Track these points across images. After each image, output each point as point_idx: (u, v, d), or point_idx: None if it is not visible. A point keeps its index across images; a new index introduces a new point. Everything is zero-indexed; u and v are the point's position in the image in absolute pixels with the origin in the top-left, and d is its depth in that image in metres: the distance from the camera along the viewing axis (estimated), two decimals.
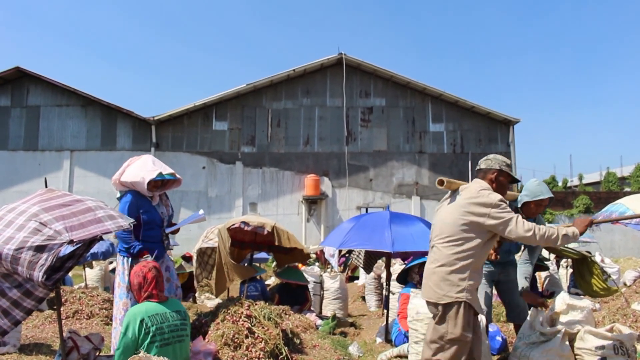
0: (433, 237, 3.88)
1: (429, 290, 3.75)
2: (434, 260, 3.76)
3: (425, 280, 3.83)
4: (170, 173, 5.12)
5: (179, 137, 21.64)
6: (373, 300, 10.01)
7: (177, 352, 3.75)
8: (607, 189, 33.04)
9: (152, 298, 3.84)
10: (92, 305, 6.94)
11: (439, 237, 3.77)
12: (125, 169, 5.09)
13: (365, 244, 6.58)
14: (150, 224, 5.05)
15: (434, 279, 3.71)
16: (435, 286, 3.69)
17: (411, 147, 21.96)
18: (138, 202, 4.99)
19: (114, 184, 5.15)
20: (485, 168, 4.00)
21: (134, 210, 4.92)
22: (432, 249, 3.85)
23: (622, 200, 5.78)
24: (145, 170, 5.02)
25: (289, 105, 22.07)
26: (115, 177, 5.10)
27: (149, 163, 5.14)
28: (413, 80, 21.80)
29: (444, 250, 3.70)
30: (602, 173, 38.02)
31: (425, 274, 3.87)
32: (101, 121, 21.58)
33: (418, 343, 4.83)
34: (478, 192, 3.75)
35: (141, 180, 4.95)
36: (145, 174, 4.97)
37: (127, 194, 5.04)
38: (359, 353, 6.04)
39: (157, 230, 5.15)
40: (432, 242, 3.87)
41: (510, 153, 21.87)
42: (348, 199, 21.49)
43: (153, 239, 5.10)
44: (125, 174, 5.05)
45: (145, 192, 5.01)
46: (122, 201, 5.02)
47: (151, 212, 5.08)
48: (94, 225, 3.56)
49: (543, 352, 4.11)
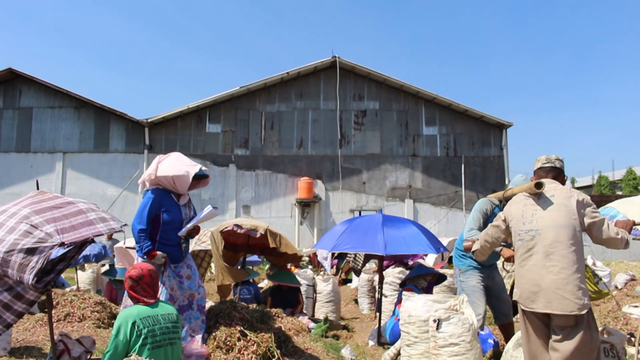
0: (548, 242, 3.63)
1: (566, 302, 3.48)
2: (562, 268, 3.54)
3: (556, 292, 3.52)
4: (205, 169, 4.95)
5: (173, 140, 21.59)
6: (366, 303, 10.00)
7: (168, 354, 3.74)
8: (599, 192, 33.23)
9: (147, 300, 3.82)
10: (84, 308, 6.91)
11: (561, 243, 3.60)
12: (157, 165, 4.84)
13: (358, 247, 6.58)
14: (170, 225, 4.82)
15: (570, 289, 3.49)
16: (572, 296, 3.47)
17: (404, 151, 21.99)
18: (162, 200, 4.78)
19: (146, 181, 4.87)
20: (560, 168, 4.04)
21: (155, 208, 4.73)
22: (550, 256, 3.60)
23: (613, 204, 5.80)
24: (187, 165, 4.83)
25: (283, 108, 22.06)
26: (149, 173, 4.82)
27: (185, 158, 4.96)
28: (406, 84, 21.85)
29: (570, 256, 3.56)
30: (594, 177, 38.27)
31: (551, 285, 3.55)
32: (94, 123, 21.50)
33: (410, 346, 4.83)
34: (579, 193, 3.78)
35: (185, 174, 4.75)
36: (188, 168, 4.78)
37: (151, 190, 4.81)
38: (352, 356, 6.03)
39: (176, 232, 4.90)
40: (549, 248, 3.62)
41: (503, 157, 21.96)
42: (341, 202, 21.50)
43: (171, 241, 4.86)
44: (162, 169, 4.80)
45: (184, 188, 4.81)
46: (144, 197, 4.81)
47: (173, 212, 4.84)
48: (85, 228, 3.56)
49: None
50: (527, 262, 3.72)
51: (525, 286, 3.69)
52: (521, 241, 3.81)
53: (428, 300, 4.86)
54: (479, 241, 4.33)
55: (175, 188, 4.84)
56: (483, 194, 21.68)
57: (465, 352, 4.39)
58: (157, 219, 4.76)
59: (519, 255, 3.82)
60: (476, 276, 5.44)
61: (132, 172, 20.85)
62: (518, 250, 3.84)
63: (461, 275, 5.54)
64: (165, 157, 4.93)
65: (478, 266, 5.43)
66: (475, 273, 5.45)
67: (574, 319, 3.50)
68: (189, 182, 4.77)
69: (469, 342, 4.42)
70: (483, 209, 5.23)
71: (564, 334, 3.53)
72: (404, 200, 21.71)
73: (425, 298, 4.92)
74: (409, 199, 21.71)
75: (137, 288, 3.85)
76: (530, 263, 3.70)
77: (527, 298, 3.66)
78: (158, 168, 4.79)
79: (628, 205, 5.58)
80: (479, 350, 4.59)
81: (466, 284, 5.47)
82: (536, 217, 3.77)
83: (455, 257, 5.73)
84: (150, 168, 4.87)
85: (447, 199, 21.79)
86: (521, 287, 3.74)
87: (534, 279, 3.63)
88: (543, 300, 3.56)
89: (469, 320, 4.55)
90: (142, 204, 4.73)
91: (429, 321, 4.61)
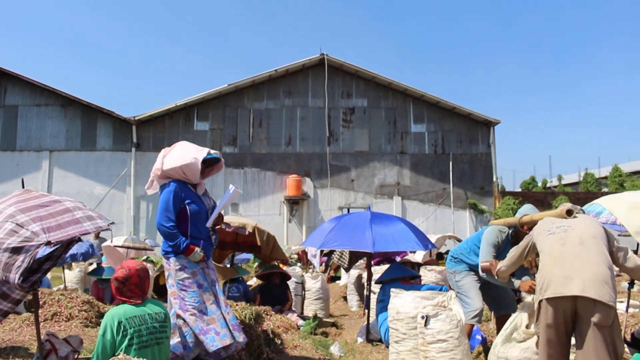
0: (582, 235, 3.64)
1: (604, 291, 3.34)
2: (599, 262, 3.48)
3: (593, 278, 3.38)
4: (216, 152, 4.66)
5: (160, 138, 21.48)
6: (354, 300, 10.03)
7: (155, 354, 3.72)
8: (585, 189, 33.47)
9: (134, 299, 3.80)
10: (72, 307, 6.85)
11: (595, 240, 3.62)
12: (163, 159, 4.57)
13: (346, 244, 6.59)
14: (197, 217, 4.51)
15: (606, 280, 3.39)
16: (609, 288, 3.36)
17: (393, 148, 22.05)
18: (182, 192, 4.47)
19: (154, 178, 4.59)
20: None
21: (178, 200, 4.42)
22: (586, 245, 3.57)
23: (599, 201, 5.87)
24: (193, 151, 4.54)
25: (271, 105, 22.04)
26: (155, 168, 4.56)
27: (190, 145, 4.68)
28: (395, 81, 21.89)
29: (605, 254, 3.56)
30: (581, 174, 38.55)
31: (589, 272, 3.42)
32: (81, 121, 21.35)
33: (398, 342, 4.86)
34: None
35: (194, 161, 4.45)
36: (195, 154, 4.48)
37: (169, 183, 4.50)
38: (341, 353, 6.05)
39: (204, 223, 4.59)
40: (584, 238, 3.61)
41: (491, 154, 22.07)
42: (330, 200, 21.51)
43: (202, 234, 4.55)
44: (168, 161, 4.52)
45: (196, 176, 4.53)
46: (163, 192, 4.47)
47: (198, 203, 4.53)
48: (72, 227, 3.53)
49: (521, 351, 4.15)
50: (560, 250, 3.62)
51: (557, 273, 3.49)
52: (552, 235, 3.76)
53: (416, 297, 4.89)
54: (505, 260, 4.37)
55: (187, 178, 4.54)
56: (471, 191, 21.82)
57: (453, 348, 4.42)
58: (183, 212, 4.45)
59: (547, 247, 3.71)
60: (472, 275, 5.50)
61: (120, 170, 20.75)
62: (546, 244, 3.74)
63: (456, 275, 5.58)
64: (170, 150, 4.68)
65: (474, 269, 5.47)
66: (471, 273, 5.50)
67: (610, 311, 3.33)
68: (198, 168, 4.47)
69: (457, 338, 4.45)
70: (495, 241, 5.10)
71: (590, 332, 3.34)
72: (392, 198, 21.77)
73: (413, 295, 4.94)
74: (397, 196, 21.77)
75: (123, 289, 3.81)
76: (564, 250, 3.60)
77: (559, 283, 3.43)
78: (164, 162, 4.54)
79: (614, 202, 5.63)
80: (467, 346, 4.62)
81: (462, 282, 5.51)
82: (566, 222, 3.84)
83: (449, 262, 5.75)
84: (156, 164, 4.60)
85: (435, 196, 21.87)
86: (550, 276, 3.52)
87: (568, 266, 3.49)
88: (579, 285, 3.36)
89: (457, 316, 4.58)
90: (163, 200, 4.42)
91: (417, 318, 4.63)
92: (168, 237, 4.39)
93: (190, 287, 4.41)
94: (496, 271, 4.49)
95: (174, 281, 4.44)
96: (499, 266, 4.43)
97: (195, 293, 4.39)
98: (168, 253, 4.45)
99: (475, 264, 5.34)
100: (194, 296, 4.37)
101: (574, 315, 3.45)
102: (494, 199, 22.06)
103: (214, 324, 4.32)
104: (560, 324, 3.47)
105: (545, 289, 3.51)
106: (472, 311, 5.30)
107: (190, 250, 4.37)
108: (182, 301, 4.37)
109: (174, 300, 4.43)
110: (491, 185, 22.16)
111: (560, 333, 3.49)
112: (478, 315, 5.30)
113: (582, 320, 3.40)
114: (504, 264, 4.37)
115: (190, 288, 4.40)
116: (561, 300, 3.43)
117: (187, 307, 4.34)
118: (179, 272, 4.42)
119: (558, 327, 3.47)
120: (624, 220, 5.13)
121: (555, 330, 3.48)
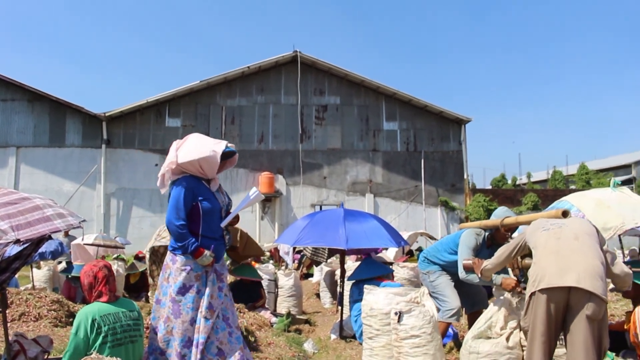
0: (577, 231, 3.69)
1: (598, 284, 3.37)
2: (593, 257, 3.50)
3: (589, 271, 3.41)
4: (231, 145, 4.36)
5: (131, 134, 21.23)
6: (327, 297, 10.05)
7: (129, 352, 3.69)
8: (553, 186, 34.19)
9: (103, 297, 3.76)
10: (40, 307, 6.73)
11: (590, 237, 3.66)
12: (176, 152, 4.23)
13: (320, 241, 6.60)
14: (210, 214, 4.25)
15: (600, 275, 3.42)
16: (602, 282, 3.39)
17: (365, 145, 22.15)
18: (195, 187, 4.20)
19: (167, 172, 4.26)
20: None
21: (190, 197, 4.15)
22: (581, 240, 3.61)
23: (567, 198, 5.99)
24: (211, 144, 4.23)
25: (243, 102, 21.94)
26: (169, 162, 4.21)
27: (205, 137, 4.37)
28: (367, 79, 21.99)
29: (599, 251, 3.57)
30: (549, 171, 39.38)
31: (584, 265, 3.45)
32: (49, 117, 20.94)
33: (372, 339, 4.89)
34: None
35: (212, 154, 4.14)
36: (214, 147, 4.18)
37: (182, 178, 4.22)
38: (314, 350, 6.07)
39: (218, 222, 4.33)
40: (579, 234, 3.66)
41: (462, 151, 22.33)
42: (302, 197, 21.52)
43: (215, 233, 4.30)
44: (183, 154, 4.19)
45: (214, 171, 4.25)
46: (175, 188, 4.19)
47: (211, 200, 4.27)
48: (42, 224, 3.47)
49: (492, 346, 4.22)
50: (556, 244, 3.64)
51: (553, 265, 3.52)
52: (547, 231, 3.78)
53: (389, 294, 4.92)
54: (492, 259, 4.35)
55: (204, 173, 4.26)
56: (442, 188, 22.04)
57: (426, 344, 4.46)
58: (195, 210, 4.19)
59: (542, 242, 3.73)
60: (445, 274, 5.53)
61: (90, 167, 20.44)
62: (541, 239, 3.76)
63: (430, 276, 5.59)
64: (183, 142, 4.35)
65: (447, 269, 5.51)
66: (444, 272, 5.54)
67: (601, 305, 3.37)
68: (217, 162, 4.19)
69: (429, 333, 4.50)
70: (473, 244, 5.10)
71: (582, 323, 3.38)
72: (365, 195, 21.88)
73: (386, 291, 4.97)
74: (369, 194, 21.89)
75: (92, 293, 3.77)
76: (559, 243, 3.63)
77: (554, 274, 3.45)
78: (178, 155, 4.21)
79: (582, 199, 5.76)
80: (440, 341, 4.68)
81: (437, 281, 5.52)
82: (560, 220, 3.91)
83: (422, 263, 5.75)
84: (169, 157, 4.26)
85: (407, 193, 22.05)
86: (545, 268, 3.54)
87: (563, 259, 3.51)
88: (574, 277, 3.38)
89: (429, 312, 4.63)
90: (174, 197, 4.15)
91: (390, 314, 4.66)
92: (177, 236, 4.14)
93: (190, 291, 4.11)
94: (480, 269, 4.48)
95: (173, 281, 4.12)
96: (485, 264, 4.40)
97: (192, 299, 4.10)
98: (176, 250, 4.17)
99: (450, 262, 5.36)
100: (191, 302, 4.09)
101: (566, 308, 3.48)
102: (465, 196, 22.33)
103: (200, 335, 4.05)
104: (552, 316, 3.49)
105: (540, 281, 3.52)
106: (450, 310, 5.31)
107: (199, 253, 4.10)
108: (176, 305, 4.08)
109: (168, 302, 4.11)
110: (462, 182, 22.42)
111: (551, 325, 3.50)
112: (456, 313, 5.31)
113: (574, 313, 3.43)
114: (490, 263, 4.34)
115: (189, 293, 4.11)
116: (555, 292, 3.45)
117: (180, 312, 4.07)
118: (182, 273, 4.11)
119: (549, 318, 3.49)
120: (591, 217, 5.24)
121: (546, 322, 3.49)
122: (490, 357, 4.21)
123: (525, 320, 3.69)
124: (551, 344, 3.55)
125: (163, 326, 4.09)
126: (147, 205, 20.89)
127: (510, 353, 4.19)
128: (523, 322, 3.77)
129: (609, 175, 32.22)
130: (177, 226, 4.09)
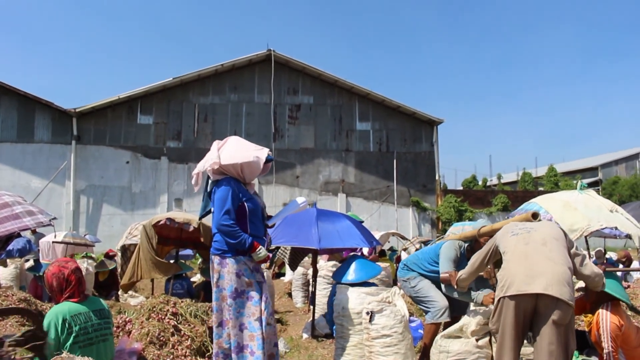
0: (545, 236, 3.74)
1: (564, 290, 3.43)
2: (561, 262, 3.56)
3: (556, 278, 3.47)
4: (270, 153, 4.43)
5: (102, 131, 20.94)
6: (299, 297, 10.06)
7: (101, 351, 3.65)
8: (523, 188, 34.73)
9: (74, 297, 3.71)
10: (7, 305, 6.63)
11: (557, 241, 3.72)
12: (218, 152, 4.29)
13: (293, 241, 6.60)
14: (255, 214, 4.30)
15: (567, 281, 3.48)
16: (569, 288, 3.45)
17: (338, 145, 22.23)
18: (238, 188, 4.24)
19: (209, 171, 4.29)
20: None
21: (236, 198, 4.18)
22: (548, 245, 3.67)
23: (536, 200, 6.12)
24: (253, 149, 4.31)
25: (217, 100, 21.82)
26: (212, 161, 4.24)
27: (247, 142, 4.43)
28: (341, 79, 22.06)
29: (566, 256, 3.65)
30: (519, 173, 40.03)
31: (551, 271, 3.50)
32: (17, 112, 20.52)
33: (344, 338, 4.92)
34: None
35: (256, 159, 4.23)
36: (257, 153, 4.26)
37: (225, 180, 4.25)
38: (286, 349, 6.08)
39: (260, 222, 4.41)
40: (547, 239, 3.71)
41: (434, 152, 22.56)
42: (274, 196, 21.48)
43: (260, 232, 4.35)
44: (227, 156, 4.24)
45: (254, 176, 4.34)
46: (220, 190, 4.22)
47: (254, 201, 4.33)
48: (11, 222, 3.43)
49: (462, 344, 4.29)
50: (524, 249, 3.70)
51: (521, 271, 3.57)
52: (515, 235, 3.84)
53: (361, 293, 4.95)
54: (466, 268, 4.39)
55: (242, 177, 4.32)
56: (414, 188, 22.24)
57: (397, 343, 4.52)
58: (241, 210, 4.22)
59: (511, 247, 3.79)
60: (425, 279, 5.39)
61: (59, 164, 20.07)
62: (510, 244, 3.82)
63: (411, 282, 5.44)
64: (224, 143, 4.40)
65: (427, 276, 5.45)
66: (424, 278, 5.41)
67: (568, 310, 3.44)
68: (260, 168, 4.28)
69: (400, 333, 4.55)
70: (454, 256, 5.05)
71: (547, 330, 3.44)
72: (337, 195, 21.96)
73: (358, 291, 5.01)
74: (341, 193, 21.97)
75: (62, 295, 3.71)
76: (527, 249, 3.69)
77: (521, 281, 3.51)
78: (220, 156, 4.26)
79: (550, 202, 5.88)
80: (411, 340, 4.73)
81: (419, 285, 5.37)
82: (529, 224, 3.98)
83: (402, 270, 5.62)
84: (211, 156, 4.31)
85: (379, 193, 22.19)
86: (513, 274, 3.59)
87: (531, 264, 3.57)
88: (542, 283, 3.44)
89: (401, 311, 4.68)
90: (221, 197, 4.17)
91: (362, 314, 4.70)
92: (230, 235, 4.11)
93: (241, 296, 4.14)
94: (456, 280, 4.51)
95: (226, 285, 4.12)
96: (459, 275, 4.45)
97: (244, 304, 4.13)
98: (226, 252, 4.15)
99: (431, 272, 5.31)
100: (242, 307, 4.12)
101: (533, 313, 3.56)
102: (437, 196, 22.56)
103: (252, 342, 4.07)
104: (520, 321, 3.55)
105: (508, 287, 3.56)
106: (439, 310, 5.15)
107: (255, 247, 4.15)
108: (228, 309, 4.11)
109: (224, 305, 4.13)
110: (434, 183, 22.65)
111: (518, 329, 3.57)
112: (445, 312, 5.15)
113: (541, 318, 3.49)
114: (464, 272, 4.39)
115: (240, 297, 4.13)
116: (524, 298, 3.50)
117: (231, 316, 4.10)
118: (234, 277, 4.12)
119: (517, 323, 3.55)
120: (558, 219, 5.35)
121: (515, 326, 3.55)
122: (460, 356, 4.28)
123: (493, 323, 3.75)
124: (517, 347, 3.62)
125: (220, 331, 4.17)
126: (118, 203, 20.64)
127: (479, 352, 4.27)
128: (491, 325, 3.83)
129: (577, 177, 32.90)
130: (229, 225, 4.10)
